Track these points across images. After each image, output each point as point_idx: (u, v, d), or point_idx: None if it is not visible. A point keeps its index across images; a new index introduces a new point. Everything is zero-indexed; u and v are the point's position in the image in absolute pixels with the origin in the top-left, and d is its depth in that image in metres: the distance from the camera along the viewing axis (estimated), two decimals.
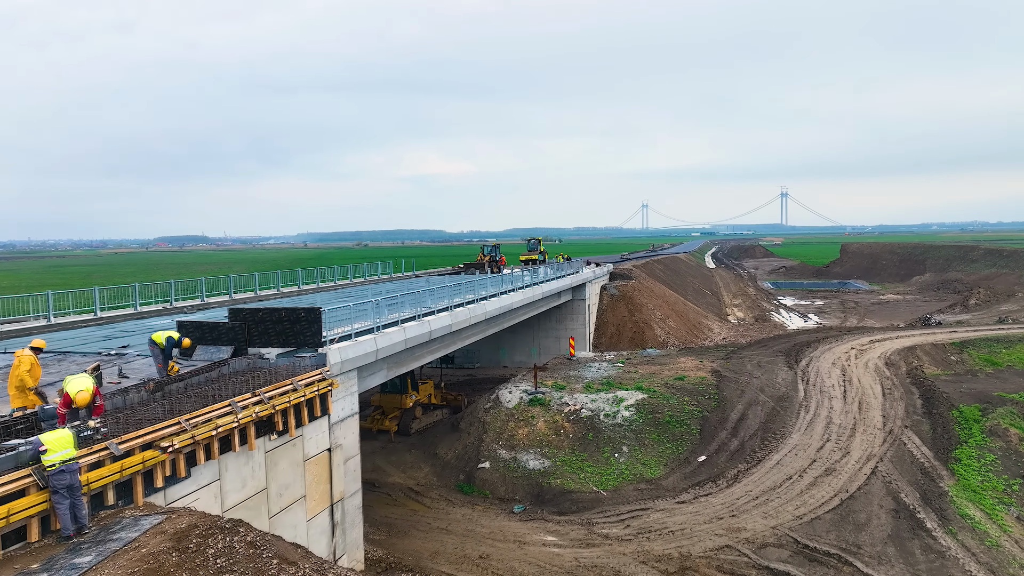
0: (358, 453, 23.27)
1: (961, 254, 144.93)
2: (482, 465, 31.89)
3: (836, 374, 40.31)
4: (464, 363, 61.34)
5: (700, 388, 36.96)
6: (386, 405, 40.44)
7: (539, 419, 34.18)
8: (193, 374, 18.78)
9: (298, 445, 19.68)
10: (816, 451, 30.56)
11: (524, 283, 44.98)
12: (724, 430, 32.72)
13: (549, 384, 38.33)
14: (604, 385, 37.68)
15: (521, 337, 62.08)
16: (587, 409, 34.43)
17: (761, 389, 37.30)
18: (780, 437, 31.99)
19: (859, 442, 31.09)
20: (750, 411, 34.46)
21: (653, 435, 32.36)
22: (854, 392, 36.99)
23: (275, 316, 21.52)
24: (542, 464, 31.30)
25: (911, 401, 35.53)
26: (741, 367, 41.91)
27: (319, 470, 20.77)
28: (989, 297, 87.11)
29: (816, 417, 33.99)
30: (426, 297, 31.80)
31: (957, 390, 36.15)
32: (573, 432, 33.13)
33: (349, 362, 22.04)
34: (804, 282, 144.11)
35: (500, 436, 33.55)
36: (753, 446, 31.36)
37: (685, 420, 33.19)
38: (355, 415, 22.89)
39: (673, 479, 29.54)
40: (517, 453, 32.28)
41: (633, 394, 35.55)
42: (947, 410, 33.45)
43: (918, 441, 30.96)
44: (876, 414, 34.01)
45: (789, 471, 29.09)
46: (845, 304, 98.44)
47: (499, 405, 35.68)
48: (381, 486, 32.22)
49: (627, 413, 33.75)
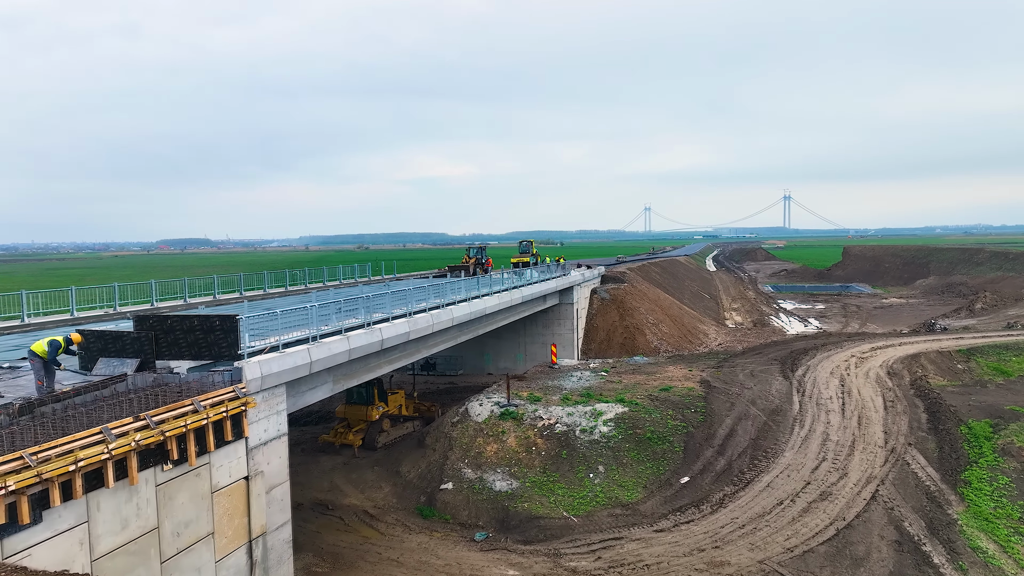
0: (287, 480, 20.54)
1: (966, 257, 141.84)
2: (444, 486, 29.14)
3: (834, 385, 37.50)
4: (446, 370, 58.65)
5: (687, 400, 34.17)
6: (351, 417, 37.72)
7: (510, 434, 31.45)
8: (77, 392, 16.10)
9: (203, 475, 16.95)
10: (811, 472, 27.76)
11: (502, 287, 42.27)
12: (710, 448, 29.92)
13: (524, 395, 35.59)
14: (583, 397, 34.93)
15: (506, 343, 59.36)
16: (562, 424, 31.67)
17: (753, 401, 34.50)
18: (771, 456, 29.20)
19: (858, 462, 28.29)
20: (739, 426, 31.67)
21: (632, 453, 29.58)
22: (853, 405, 34.18)
23: (186, 324, 18.81)
24: (509, 485, 28.54)
25: (915, 415, 32.72)
26: (732, 377, 39.13)
27: (233, 502, 18.03)
28: (996, 301, 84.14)
29: (811, 433, 31.19)
30: (386, 302, 29.13)
31: (965, 403, 33.33)
32: (546, 449, 30.37)
33: (273, 377, 19.33)
34: (805, 285, 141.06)
35: (467, 453, 30.81)
36: (741, 466, 28.57)
37: (668, 436, 30.41)
38: (282, 437, 20.17)
39: (652, 503, 26.75)
40: (484, 472, 29.52)
41: (613, 407, 32.79)
42: (955, 426, 30.63)
43: (923, 461, 28.15)
44: (877, 430, 31.20)
45: (780, 495, 26.29)
46: (847, 308, 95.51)
47: (468, 419, 32.94)
48: (335, 508, 29.48)
49: (605, 428, 30.98)
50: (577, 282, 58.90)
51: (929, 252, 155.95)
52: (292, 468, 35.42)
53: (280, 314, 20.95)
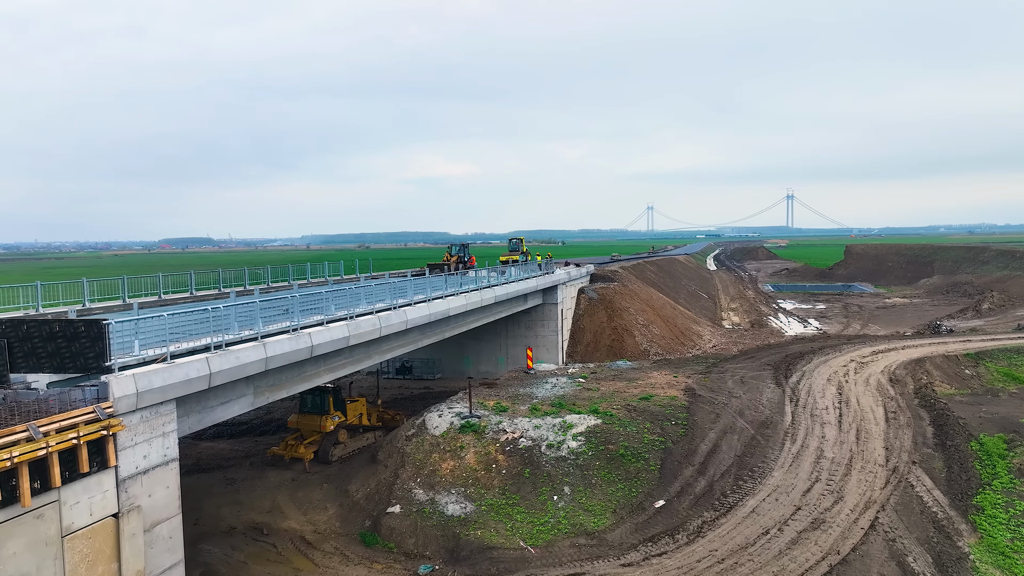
0: (177, 514, 17.44)
1: (971, 255, 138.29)
2: (391, 509, 26.00)
3: (831, 393, 34.31)
4: (423, 374, 55.58)
5: (668, 411, 31.01)
6: (304, 428, 34.62)
7: (469, 450, 28.32)
8: None
9: (47, 516, 13.85)
10: (802, 495, 24.57)
11: (474, 286, 39.16)
12: (690, 466, 26.74)
13: (491, 405, 32.46)
14: (554, 407, 31.79)
15: (487, 345, 56.28)
16: (527, 438, 28.53)
17: (740, 412, 31.32)
18: (758, 476, 26.01)
19: (855, 483, 25.09)
20: (724, 441, 28.49)
21: (603, 472, 26.42)
22: (851, 416, 31.00)
23: (46, 330, 15.74)
24: (463, 509, 25.39)
25: (920, 429, 29.52)
26: (721, 384, 35.96)
27: (95, 546, 14.92)
28: (1004, 301, 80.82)
29: (804, 449, 28.01)
30: (330, 302, 26.05)
31: (975, 415, 30.12)
32: (507, 467, 27.23)
33: (155, 392, 16.21)
34: (806, 285, 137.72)
35: (420, 471, 27.68)
36: (724, 487, 25.38)
37: (643, 453, 27.23)
38: (170, 463, 17.06)
39: (621, 531, 23.58)
40: (436, 493, 26.38)
41: (585, 419, 29.64)
42: (964, 441, 27.42)
43: (929, 483, 24.94)
44: (877, 445, 28.01)
45: (766, 522, 23.11)
46: (848, 308, 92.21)
47: (424, 432, 29.82)
48: (272, 533, 26.38)
49: (574, 444, 27.83)
50: (561, 281, 55.74)
51: (933, 251, 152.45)
52: (235, 485, 32.50)
53: (167, 317, 17.78)
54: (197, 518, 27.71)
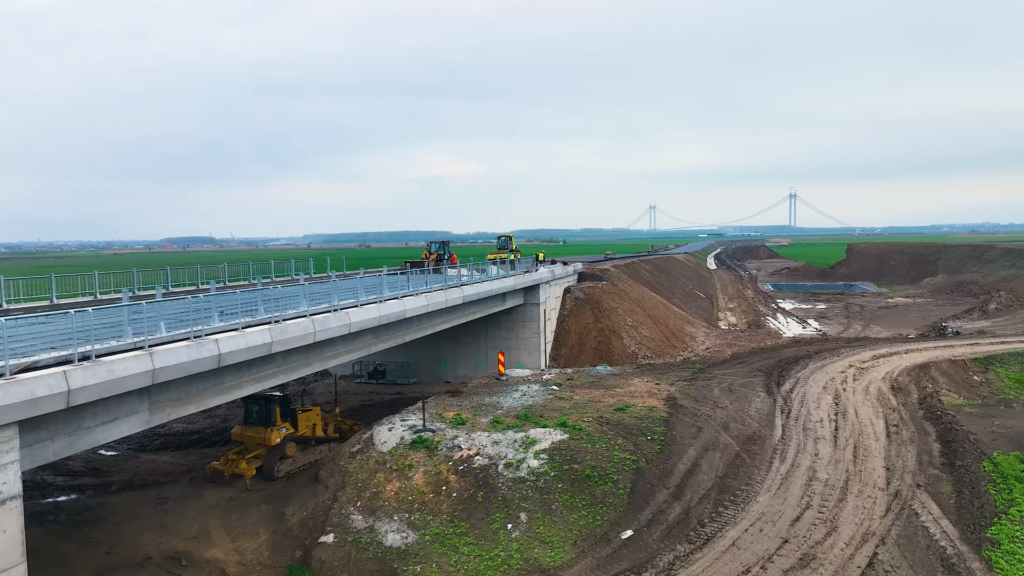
0: (21, 562, 14.33)
1: (976, 254, 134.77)
2: (324, 539, 22.92)
3: (827, 403, 31.17)
4: (398, 378, 52.50)
5: (644, 424, 27.89)
6: (248, 441, 31.58)
7: (418, 469, 25.23)
8: None
9: None
10: (790, 525, 21.43)
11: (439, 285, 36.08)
12: (664, 489, 23.61)
13: (449, 416, 29.39)
14: (518, 419, 28.69)
15: (465, 348, 53.25)
16: (484, 455, 25.43)
17: (725, 426, 28.19)
18: (741, 501, 22.87)
19: (852, 511, 21.95)
20: (705, 459, 25.36)
21: (565, 496, 23.30)
22: (848, 430, 27.86)
23: None
24: (404, 539, 22.30)
25: (925, 445, 26.38)
26: (706, 392, 32.85)
27: None
28: (1012, 301, 77.50)
29: (795, 469, 24.86)
30: (259, 304, 23.04)
31: (987, 429, 26.95)
32: (458, 489, 24.14)
33: None
34: (807, 284, 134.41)
35: (361, 493, 24.61)
36: (702, 515, 22.25)
37: (612, 474, 24.10)
38: (8, 501, 13.97)
39: (581, 568, 20.45)
40: (377, 520, 23.31)
41: (551, 434, 26.53)
42: (975, 461, 24.25)
43: (936, 511, 21.79)
44: (877, 465, 24.87)
45: (748, 558, 19.97)
46: (849, 308, 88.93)
47: (371, 448, 26.74)
48: (191, 564, 23.34)
49: (535, 463, 24.71)
50: (544, 280, 52.64)
51: (937, 249, 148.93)
52: (165, 505, 29.43)
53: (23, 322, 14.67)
54: (112, 546, 24.71)
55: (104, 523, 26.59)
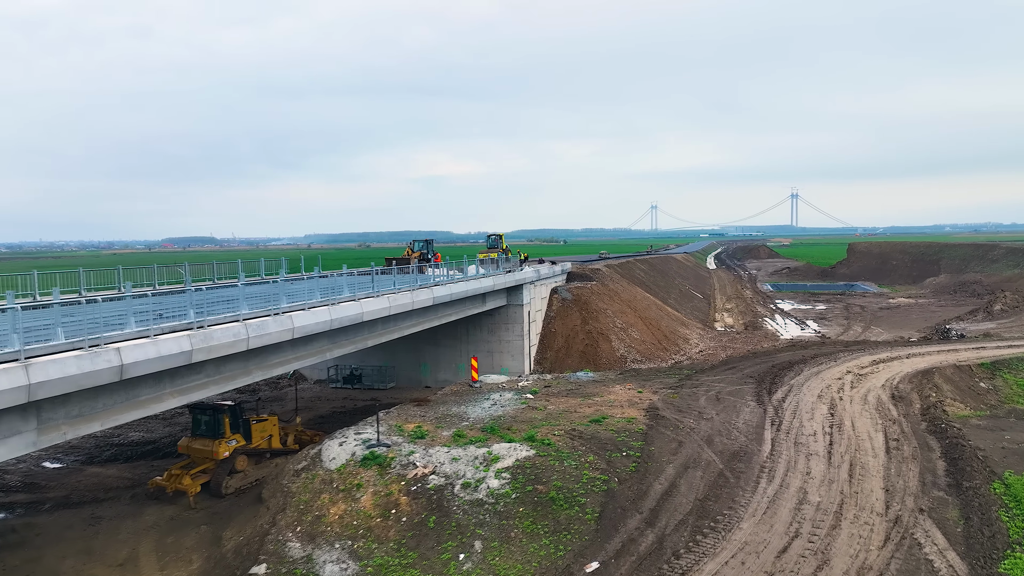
0: None
1: (980, 253, 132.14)
2: (255, 569, 20.51)
3: (821, 414, 28.73)
4: (375, 383, 50.12)
5: (619, 438, 25.47)
6: (195, 454, 29.27)
7: (367, 489, 22.82)
8: None
9: None
10: (776, 556, 18.98)
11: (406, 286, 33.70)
12: (637, 514, 21.16)
13: (409, 429, 26.97)
14: (483, 432, 26.28)
15: (446, 351, 50.92)
16: (440, 474, 23.01)
17: (708, 440, 25.75)
18: (722, 528, 20.42)
19: (846, 540, 19.50)
20: (684, 479, 22.92)
21: (526, 522, 20.86)
22: (844, 445, 25.41)
23: None
24: (345, 571, 19.89)
25: (929, 463, 23.92)
26: (691, 402, 30.42)
27: None
28: (1017, 302, 74.90)
29: (783, 490, 22.42)
30: (190, 308, 20.65)
31: (997, 444, 24.52)
32: (409, 512, 21.73)
33: None
34: (807, 284, 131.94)
35: (302, 516, 22.22)
36: (677, 544, 19.79)
37: (579, 496, 21.67)
38: None
39: None
40: (316, 548, 20.91)
41: (516, 449, 24.10)
42: (985, 482, 21.80)
43: (941, 540, 19.32)
44: (875, 486, 22.42)
45: None
46: (849, 309, 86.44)
47: (318, 464, 24.33)
48: None
49: (495, 483, 22.29)
50: (528, 280, 50.27)
51: (940, 249, 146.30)
52: (97, 526, 26.99)
53: None
54: (27, 575, 22.35)
55: (25, 547, 24.20)
